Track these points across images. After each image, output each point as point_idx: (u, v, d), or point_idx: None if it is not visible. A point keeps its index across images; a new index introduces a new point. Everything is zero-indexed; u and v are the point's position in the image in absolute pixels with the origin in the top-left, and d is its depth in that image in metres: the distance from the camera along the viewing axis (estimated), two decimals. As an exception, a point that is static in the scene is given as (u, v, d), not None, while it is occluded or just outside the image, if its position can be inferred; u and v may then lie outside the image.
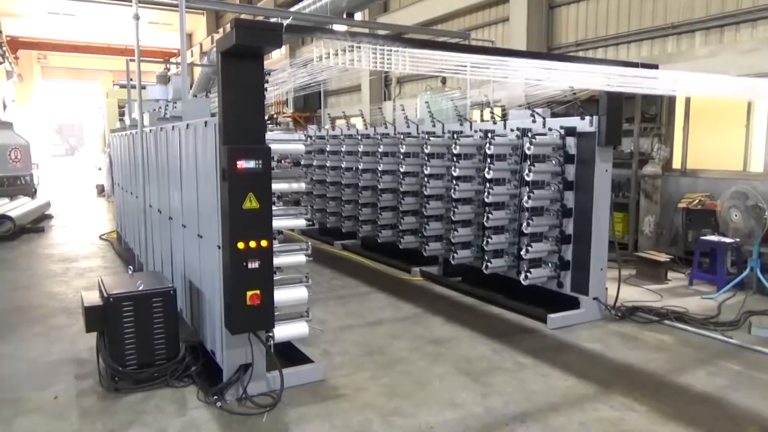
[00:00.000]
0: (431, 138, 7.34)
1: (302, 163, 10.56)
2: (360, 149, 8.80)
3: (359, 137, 9.01)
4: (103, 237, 10.86)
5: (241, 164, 3.64)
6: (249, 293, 3.76)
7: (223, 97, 3.68)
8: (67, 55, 36.75)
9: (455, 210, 6.85)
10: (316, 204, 10.08)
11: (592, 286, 5.88)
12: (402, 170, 7.80)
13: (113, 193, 11.09)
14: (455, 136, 6.90)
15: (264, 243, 3.78)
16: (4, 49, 27.38)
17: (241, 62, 3.67)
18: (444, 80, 11.87)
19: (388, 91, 17.74)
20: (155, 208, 6.22)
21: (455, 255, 6.91)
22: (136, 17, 5.08)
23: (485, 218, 6.40)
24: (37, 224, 12.01)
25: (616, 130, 5.73)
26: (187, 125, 4.65)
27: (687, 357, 5.02)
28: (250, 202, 3.71)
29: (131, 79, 8.81)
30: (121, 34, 29.78)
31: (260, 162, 3.70)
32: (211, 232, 4.11)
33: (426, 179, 7.31)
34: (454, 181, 6.83)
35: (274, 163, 4.23)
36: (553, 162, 6.03)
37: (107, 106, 19.17)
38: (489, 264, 6.44)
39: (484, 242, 6.46)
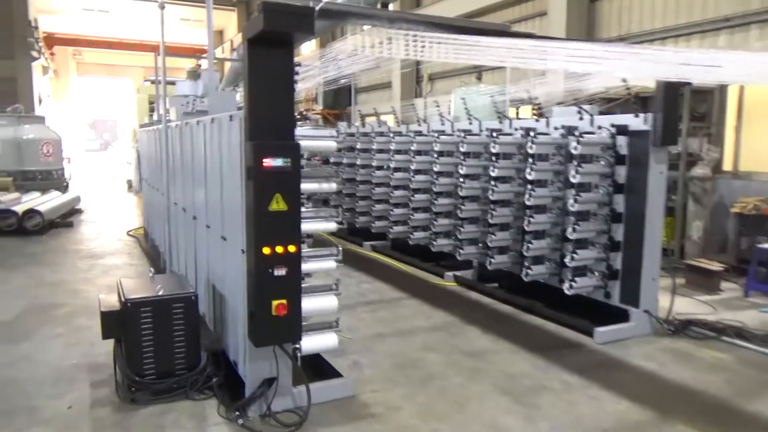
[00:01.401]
0: (467, 136, 6.96)
1: (331, 161, 10.31)
2: (392, 147, 8.46)
3: (391, 134, 8.67)
4: (131, 233, 10.75)
5: (268, 162, 3.34)
6: (275, 303, 3.46)
7: (250, 88, 3.38)
8: (101, 52, 37.27)
9: (493, 212, 6.46)
10: (345, 203, 9.79)
11: (644, 297, 5.43)
12: (436, 169, 7.43)
13: (141, 188, 10.97)
14: (494, 134, 6.51)
15: (292, 248, 3.47)
16: (40, 45, 27.79)
17: (269, 50, 3.36)
18: (479, 76, 11.44)
19: (420, 88, 17.35)
20: (180, 206, 5.99)
21: (492, 260, 6.52)
22: (162, 6, 4.83)
23: (526, 222, 5.99)
24: (66, 219, 11.99)
25: (672, 128, 5.27)
26: (212, 119, 4.37)
27: (750, 379, 4.55)
28: (278, 204, 3.40)
29: (159, 75, 8.66)
30: (153, 31, 30.03)
31: (289, 160, 3.39)
32: (236, 234, 3.82)
33: (461, 179, 6.94)
34: (492, 182, 6.44)
35: (303, 161, 3.94)
36: (602, 163, 5.59)
37: (137, 102, 19.23)
38: (529, 271, 6.03)
39: (524, 247, 6.05)
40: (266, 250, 3.40)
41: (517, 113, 8.17)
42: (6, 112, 16.09)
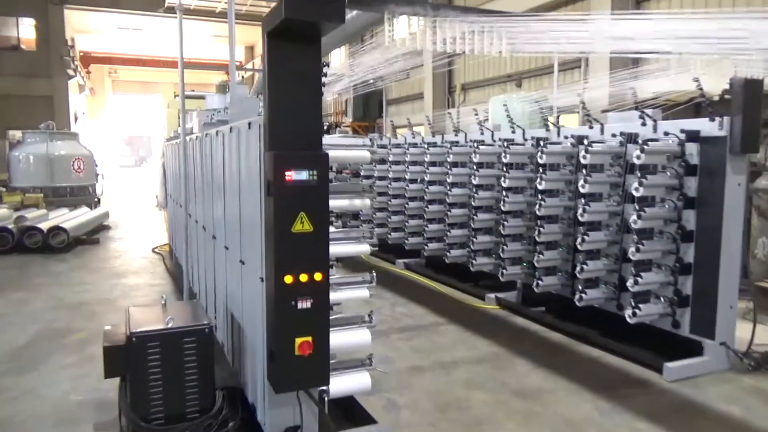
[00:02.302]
0: (510, 146, 6.38)
1: (362, 173, 9.82)
2: (426, 159, 7.93)
3: (425, 145, 8.14)
4: (156, 250, 10.44)
5: (291, 175, 2.83)
6: (298, 341, 2.93)
7: (270, 91, 2.90)
8: (136, 69, 37.91)
9: (540, 229, 5.85)
10: (377, 218, 9.31)
11: (720, 327, 4.73)
12: (475, 182, 6.86)
13: (166, 204, 10.69)
14: (541, 143, 5.92)
15: (318, 276, 2.95)
16: (76, 64, 28.32)
17: (292, 45, 2.87)
18: (519, 83, 10.85)
19: (452, 98, 16.83)
20: (200, 224, 5.55)
21: (539, 282, 5.90)
22: (180, 7, 4.43)
23: (578, 240, 5.36)
24: (93, 235, 11.78)
25: (753, 133, 4.60)
26: (231, 128, 3.91)
27: None
28: (302, 224, 2.89)
29: (192, 90, 8.40)
30: (185, 48, 30.36)
31: (315, 172, 2.88)
32: (255, 258, 3.33)
33: (503, 193, 6.37)
34: (539, 196, 5.85)
35: (332, 174, 3.44)
36: (669, 174, 4.94)
37: (167, 117, 19.19)
38: (583, 295, 5.39)
39: (577, 269, 5.42)
40: (288, 279, 2.88)
41: (557, 122, 7.57)
42: (39, 129, 16.19)
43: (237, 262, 3.81)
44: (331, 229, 3.29)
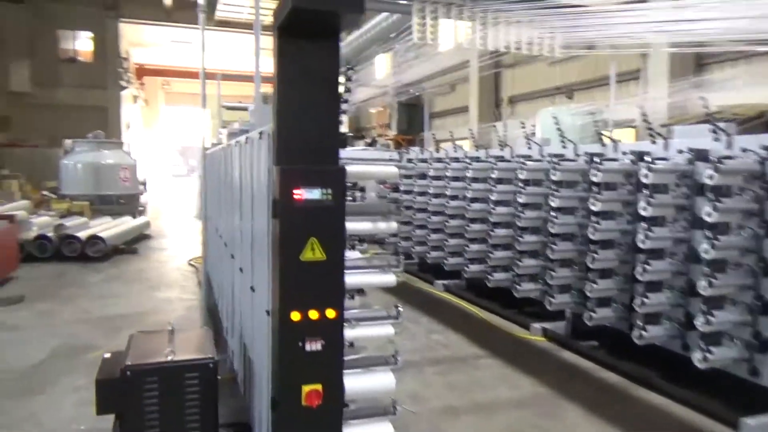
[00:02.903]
0: (561, 162, 5.82)
1: (401, 188, 9.41)
2: (468, 174, 7.42)
3: (468, 160, 7.64)
4: (191, 262, 10.28)
5: (300, 194, 2.42)
6: (306, 389, 2.50)
7: (279, 95, 2.50)
8: (188, 82, 38.83)
9: (594, 255, 5.25)
10: (415, 236, 8.85)
11: (810, 378, 4.03)
12: (521, 201, 6.32)
13: (202, 215, 10.53)
14: (595, 159, 5.35)
15: (331, 313, 2.51)
16: (129, 75, 29.16)
17: (305, 41, 2.47)
18: (571, 95, 10.22)
19: (499, 112, 16.24)
20: (223, 240, 5.23)
21: (592, 314, 5.30)
22: (203, 10, 4.13)
23: (638, 269, 4.76)
24: (132, 245, 11.76)
25: None
26: (246, 138, 3.55)
27: None
28: (313, 252, 2.46)
29: (239, 101, 8.25)
30: (236, 61, 30.81)
31: (330, 191, 2.46)
32: (263, 286, 2.92)
33: (553, 213, 5.81)
34: (593, 218, 5.27)
35: (357, 195, 3.00)
36: (748, 197, 4.29)
37: (211, 128, 19.34)
38: (644, 332, 4.75)
39: (637, 301, 4.80)
40: (295, 316, 2.46)
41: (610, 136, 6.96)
42: (87, 138, 16.54)
43: (248, 288, 3.42)
44: (350, 254, 2.85)
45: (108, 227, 11.60)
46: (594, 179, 5.22)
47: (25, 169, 19.74)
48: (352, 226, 2.73)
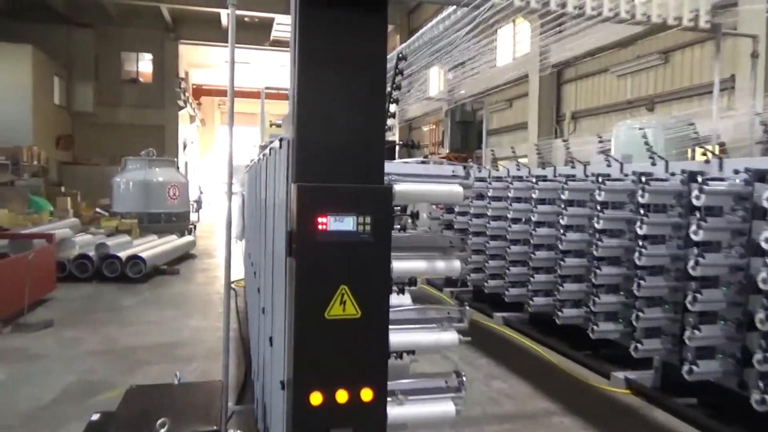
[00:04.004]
0: (650, 182, 4.91)
1: (455, 210, 8.62)
2: (534, 195, 6.57)
3: (533, 179, 6.78)
4: (232, 286, 9.76)
5: (326, 223, 1.70)
6: (328, 502, 1.75)
7: (299, 87, 1.80)
8: (242, 101, 39.41)
9: (696, 295, 4.30)
10: (472, 261, 8.02)
11: None
12: (598, 226, 5.42)
13: (242, 236, 10.05)
14: (696, 179, 4.43)
15: (368, 395, 1.77)
16: (187, 95, 29.74)
17: (338, 9, 1.77)
18: (651, 107, 9.20)
19: (560, 128, 15.22)
20: (253, 269, 4.59)
21: (693, 368, 4.33)
22: (232, 38, 3.58)
23: (760, 315, 3.80)
24: (175, 265, 11.40)
25: None
26: (270, 149, 2.88)
27: None
28: (343, 306, 1.73)
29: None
30: (280, 79, 30.95)
31: (368, 219, 1.74)
32: (280, 343, 2.20)
33: (639, 242, 4.90)
34: (695, 250, 4.33)
35: (406, 220, 2.26)
36: None
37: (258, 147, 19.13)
38: (767, 396, 3.77)
39: (758, 357, 3.83)
40: (316, 399, 1.73)
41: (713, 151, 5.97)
42: (139, 156, 16.55)
43: (268, 337, 2.72)
44: (395, 299, 2.11)
45: (150, 247, 11.29)
46: (696, 202, 4.31)
47: (84, 186, 20.14)
48: (401, 266, 1.99)
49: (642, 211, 4.90)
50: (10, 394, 4.72)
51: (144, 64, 27.13)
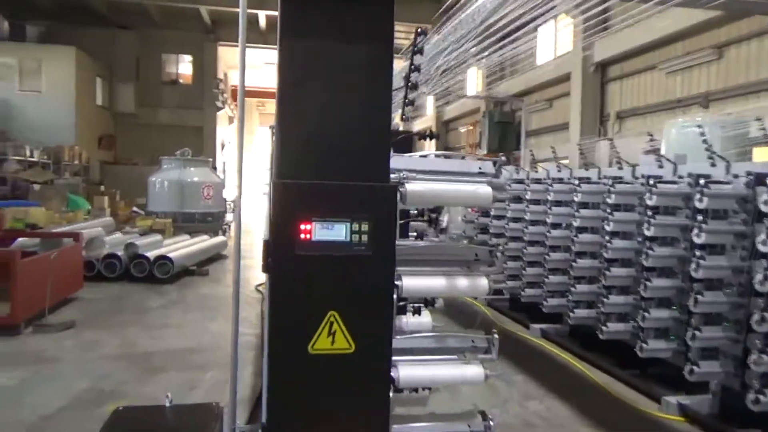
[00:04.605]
0: (709, 184, 4.39)
1: (491, 213, 8.17)
2: (576, 198, 6.08)
3: (575, 181, 6.28)
4: (259, 288, 9.54)
5: (308, 231, 1.33)
6: None
7: (282, 59, 1.44)
8: (272, 102, 39.70)
9: (764, 315, 3.77)
10: (508, 268, 7.57)
11: None
12: (648, 233, 4.90)
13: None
14: (765, 182, 3.90)
15: (361, 450, 1.38)
16: (226, 96, 30.02)
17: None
18: (707, 104, 8.55)
19: (604, 128, 14.52)
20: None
21: (760, 396, 3.79)
22: (243, 38, 3.24)
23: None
24: (204, 266, 11.27)
25: None
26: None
27: None
28: (330, 338, 1.36)
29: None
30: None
31: (365, 226, 1.36)
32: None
33: (696, 252, 4.38)
34: (764, 262, 3.81)
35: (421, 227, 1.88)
36: None
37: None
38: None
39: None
40: (295, 454, 1.35)
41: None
42: (175, 156, 16.59)
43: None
44: (405, 321, 1.73)
45: (180, 247, 11.18)
46: (765, 209, 3.79)
47: (124, 186, 20.44)
48: (413, 284, 1.60)
49: (700, 217, 4.39)
50: (16, 400, 4.54)
51: (184, 66, 27.52)
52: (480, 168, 1.77)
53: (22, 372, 5.16)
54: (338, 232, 1.35)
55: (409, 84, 2.04)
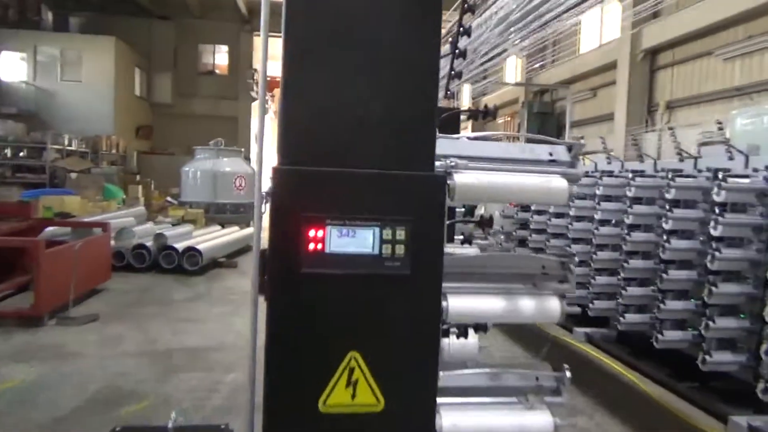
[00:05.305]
0: (791, 179, 3.84)
1: (532, 208, 7.66)
2: (629, 193, 5.55)
3: (628, 174, 5.74)
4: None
5: (321, 239, 0.95)
6: None
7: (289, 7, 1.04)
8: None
9: None
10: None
11: None
12: (715, 233, 4.38)
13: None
14: None
15: None
16: (260, 87, 29.98)
17: None
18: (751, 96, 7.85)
19: (652, 119, 13.75)
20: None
21: None
22: (265, 27, 2.90)
23: None
24: (233, 258, 11.07)
25: None
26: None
27: None
28: (351, 390, 0.97)
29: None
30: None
31: (399, 233, 0.96)
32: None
33: (772, 256, 3.86)
34: None
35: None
36: None
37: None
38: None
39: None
40: None
41: None
42: (208, 146, 16.51)
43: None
44: (454, 344, 1.34)
45: (210, 238, 11.00)
46: None
47: (159, 175, 20.58)
48: (460, 306, 1.20)
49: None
50: (30, 399, 4.33)
51: (220, 56, 27.60)
52: (551, 154, 1.36)
53: (40, 367, 4.97)
54: (363, 240, 0.95)
55: (457, 51, 1.64)
